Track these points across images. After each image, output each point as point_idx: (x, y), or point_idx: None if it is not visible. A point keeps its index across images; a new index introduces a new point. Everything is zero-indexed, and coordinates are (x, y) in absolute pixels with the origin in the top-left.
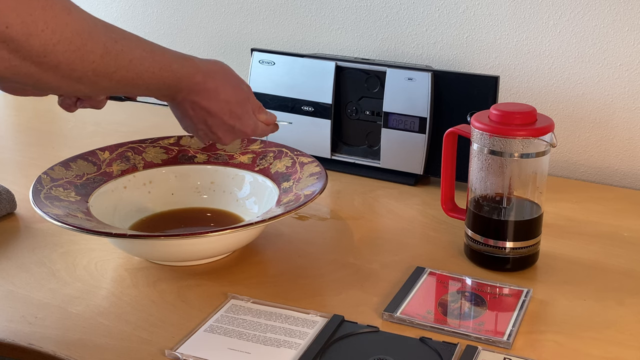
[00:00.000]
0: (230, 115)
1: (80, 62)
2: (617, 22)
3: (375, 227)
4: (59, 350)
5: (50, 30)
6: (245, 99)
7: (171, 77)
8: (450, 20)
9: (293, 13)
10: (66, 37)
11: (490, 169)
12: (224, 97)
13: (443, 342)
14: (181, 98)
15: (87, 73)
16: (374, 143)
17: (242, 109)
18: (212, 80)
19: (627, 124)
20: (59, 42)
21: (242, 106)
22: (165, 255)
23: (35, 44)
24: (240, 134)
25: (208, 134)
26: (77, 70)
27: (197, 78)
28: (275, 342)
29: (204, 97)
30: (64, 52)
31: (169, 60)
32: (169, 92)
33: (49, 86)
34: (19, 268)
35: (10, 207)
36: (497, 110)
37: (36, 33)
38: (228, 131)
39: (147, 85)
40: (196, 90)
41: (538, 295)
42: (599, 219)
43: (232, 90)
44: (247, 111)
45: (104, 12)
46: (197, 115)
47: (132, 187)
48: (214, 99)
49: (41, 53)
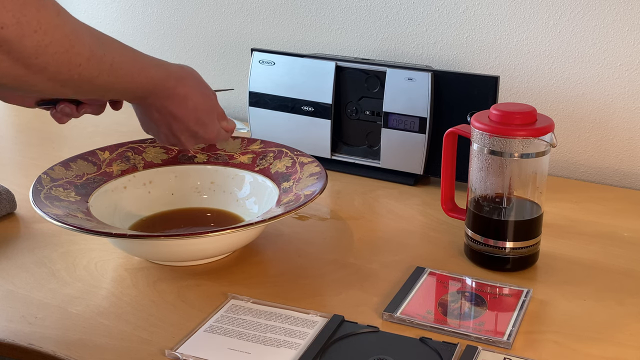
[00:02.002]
0: (196, 122)
1: (68, 65)
2: (617, 22)
3: (375, 227)
4: (59, 350)
5: (42, 32)
6: (212, 107)
7: (147, 82)
8: (450, 20)
9: (293, 13)
10: (57, 39)
11: (490, 169)
12: (192, 104)
13: (443, 342)
14: (150, 101)
15: (73, 76)
16: (374, 143)
17: (208, 117)
18: (183, 87)
19: (627, 124)
20: (50, 44)
21: (209, 114)
22: (165, 255)
23: (28, 45)
24: (202, 140)
25: (169, 137)
26: (64, 73)
27: (169, 83)
28: (275, 342)
29: (174, 102)
30: (54, 54)
31: (146, 65)
32: (142, 95)
33: (33, 89)
34: (19, 268)
35: (10, 207)
36: (497, 110)
37: (29, 34)
38: (191, 136)
39: (124, 89)
40: (166, 95)
41: (538, 295)
42: (599, 219)
43: (201, 97)
44: (213, 119)
45: (104, 12)
46: (162, 119)
47: (132, 187)
48: (182, 105)
49: (32, 54)
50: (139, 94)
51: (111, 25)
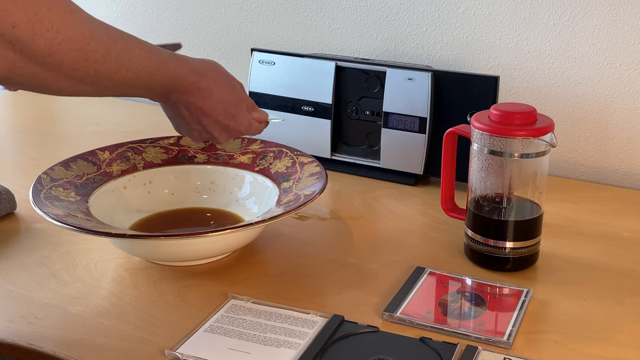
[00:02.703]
0: (225, 114)
1: (84, 62)
2: (617, 22)
3: (375, 227)
4: (59, 350)
5: (55, 30)
6: (240, 98)
7: (167, 77)
8: (450, 20)
9: (293, 13)
10: (70, 37)
11: (490, 169)
12: (218, 97)
13: (443, 342)
14: (175, 98)
15: (89, 73)
16: (374, 143)
17: (236, 108)
18: (206, 80)
19: (626, 124)
20: (64, 42)
21: (237, 105)
22: (165, 255)
23: (41, 43)
24: (235, 132)
25: (202, 133)
26: (80, 70)
27: (192, 78)
28: (275, 342)
29: (199, 97)
30: (68, 51)
31: (165, 60)
32: (163, 92)
33: (51, 88)
34: (19, 268)
35: (10, 207)
36: (497, 110)
37: (41, 32)
38: (223, 130)
39: (144, 84)
40: (190, 91)
41: (538, 295)
42: (599, 219)
43: (226, 89)
44: (242, 110)
45: (104, 12)
46: (191, 115)
47: (132, 187)
48: (208, 99)
49: (46, 53)
50: (160, 90)
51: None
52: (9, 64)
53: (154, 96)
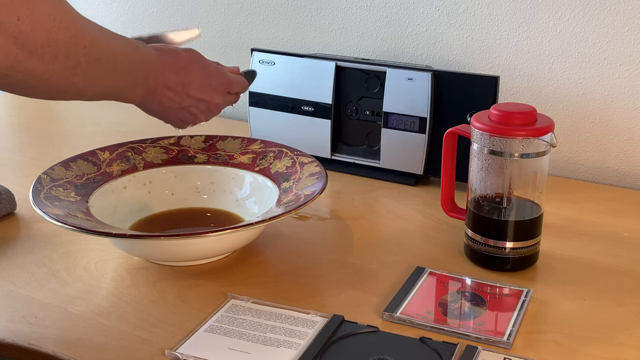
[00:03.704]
0: (203, 74)
1: (75, 49)
2: (617, 22)
3: (375, 227)
4: (59, 350)
5: (52, 18)
6: (201, 59)
7: (138, 55)
8: (450, 20)
9: (293, 13)
10: (65, 25)
11: (490, 169)
12: (184, 62)
13: (443, 342)
14: (153, 82)
15: (80, 60)
16: (374, 143)
17: (207, 66)
18: (166, 54)
19: (627, 124)
20: (60, 30)
21: (205, 63)
22: (165, 255)
23: (42, 34)
24: (222, 86)
25: (198, 105)
26: (72, 58)
27: (155, 54)
28: (275, 342)
29: (172, 70)
30: (63, 39)
31: (133, 42)
32: (142, 76)
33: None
34: (19, 268)
35: (10, 207)
36: (497, 110)
37: (42, 23)
38: (212, 90)
39: (124, 68)
40: (163, 67)
41: (538, 295)
42: (599, 219)
43: (185, 55)
44: (212, 66)
45: (104, 12)
46: (177, 93)
47: (132, 187)
48: (177, 68)
49: (45, 43)
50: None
51: (111, 25)
52: (11, 59)
53: (135, 86)
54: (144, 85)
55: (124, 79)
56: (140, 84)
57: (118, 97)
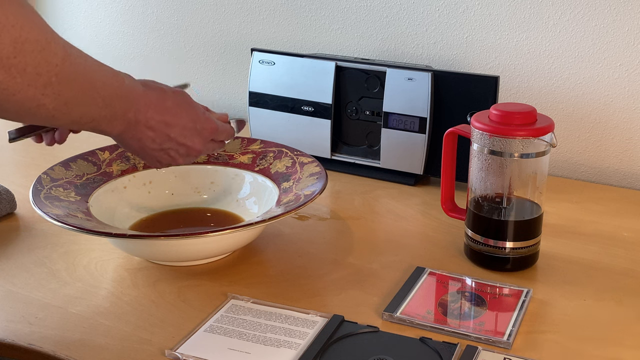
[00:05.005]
0: (188, 117)
1: (46, 65)
2: (617, 22)
3: (375, 227)
4: (59, 350)
5: (19, 26)
6: (189, 101)
7: (121, 87)
8: (450, 20)
9: (293, 13)
10: (33, 36)
11: (490, 169)
12: (171, 103)
13: (443, 342)
14: (134, 118)
15: (51, 79)
16: (374, 143)
17: (194, 110)
18: (153, 91)
19: (626, 124)
20: (27, 41)
21: (192, 106)
22: (165, 255)
23: (6, 41)
24: (207, 132)
25: (178, 149)
26: (43, 75)
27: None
28: (275, 342)
29: (156, 109)
30: (31, 51)
31: (119, 74)
32: (121, 107)
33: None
34: (19, 268)
35: (10, 207)
36: (497, 110)
37: (7, 28)
38: (196, 135)
39: (102, 97)
40: (147, 104)
41: (538, 295)
42: (599, 219)
43: (172, 95)
44: (199, 110)
45: (104, 12)
46: (157, 134)
47: (132, 187)
48: (162, 108)
49: (11, 53)
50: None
51: (111, 26)
52: None
53: (113, 119)
54: (122, 120)
55: (102, 109)
56: (119, 117)
57: (95, 127)
